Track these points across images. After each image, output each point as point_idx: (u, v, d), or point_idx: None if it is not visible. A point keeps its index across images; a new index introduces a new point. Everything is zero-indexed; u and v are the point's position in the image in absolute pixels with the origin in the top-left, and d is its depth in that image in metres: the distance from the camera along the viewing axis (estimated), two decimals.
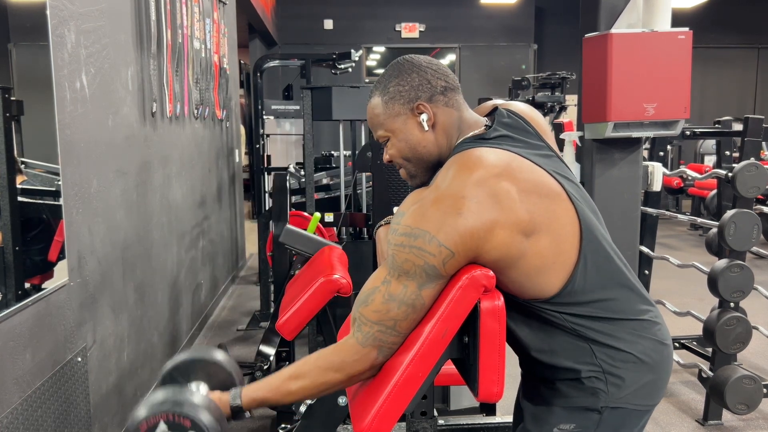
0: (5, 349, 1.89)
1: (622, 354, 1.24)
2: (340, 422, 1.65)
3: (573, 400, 1.24)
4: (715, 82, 11.49)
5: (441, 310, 1.14)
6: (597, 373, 1.22)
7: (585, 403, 1.23)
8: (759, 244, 3.61)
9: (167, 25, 3.36)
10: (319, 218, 3.19)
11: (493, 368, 1.14)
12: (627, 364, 1.23)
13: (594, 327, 1.23)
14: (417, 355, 1.14)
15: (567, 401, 1.24)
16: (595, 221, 1.27)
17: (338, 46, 6.73)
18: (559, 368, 1.24)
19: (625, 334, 1.24)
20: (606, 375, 1.22)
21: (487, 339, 1.13)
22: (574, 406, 1.24)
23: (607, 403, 1.22)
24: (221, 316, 4.89)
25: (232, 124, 5.74)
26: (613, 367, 1.23)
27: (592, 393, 1.23)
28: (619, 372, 1.23)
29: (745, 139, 3.14)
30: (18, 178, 2.07)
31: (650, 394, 1.26)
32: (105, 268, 2.64)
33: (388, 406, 1.14)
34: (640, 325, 1.27)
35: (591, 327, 1.22)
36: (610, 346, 1.23)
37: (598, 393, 1.22)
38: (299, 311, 2.34)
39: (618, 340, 1.24)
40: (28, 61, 2.26)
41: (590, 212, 1.27)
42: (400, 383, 1.14)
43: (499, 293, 1.15)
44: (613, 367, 1.23)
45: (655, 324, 1.29)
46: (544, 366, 1.26)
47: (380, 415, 1.13)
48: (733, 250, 2.91)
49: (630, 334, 1.25)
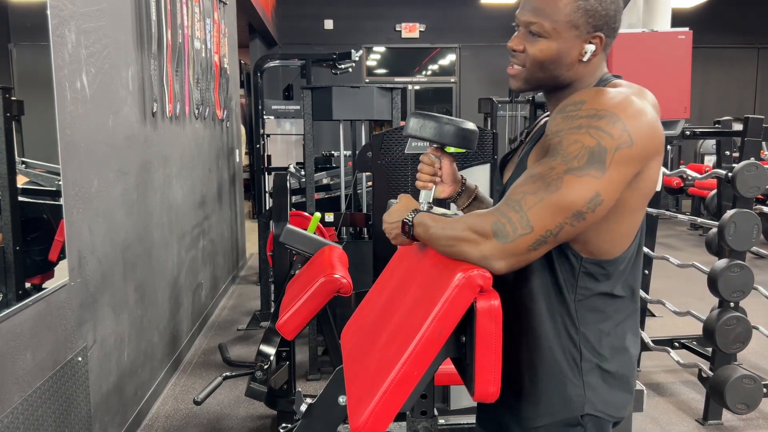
0: (6, 349, 1.89)
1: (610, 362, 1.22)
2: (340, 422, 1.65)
3: (555, 414, 1.21)
4: (715, 82, 11.49)
5: (436, 309, 1.14)
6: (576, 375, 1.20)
7: (565, 416, 1.20)
8: (759, 244, 3.61)
9: (168, 25, 3.36)
10: (319, 218, 3.19)
11: (490, 368, 1.14)
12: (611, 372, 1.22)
13: (604, 309, 1.21)
14: (412, 354, 1.14)
15: (548, 417, 1.21)
16: None
17: (338, 46, 6.73)
18: (544, 360, 1.21)
19: (620, 339, 1.24)
20: (583, 374, 1.20)
21: (483, 339, 1.13)
22: (557, 421, 1.21)
23: (585, 411, 1.20)
24: (221, 315, 4.89)
25: (232, 124, 5.74)
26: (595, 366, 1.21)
27: (569, 401, 1.20)
28: (600, 379, 1.21)
29: (745, 139, 3.14)
30: (19, 179, 2.07)
31: (623, 407, 1.24)
32: (105, 268, 2.65)
33: (383, 404, 1.14)
34: (633, 327, 1.26)
35: (601, 309, 1.21)
36: (599, 352, 1.21)
37: (576, 401, 1.20)
38: (299, 311, 2.35)
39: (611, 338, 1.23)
40: (28, 61, 2.27)
41: None
42: (396, 382, 1.14)
43: (496, 294, 1.14)
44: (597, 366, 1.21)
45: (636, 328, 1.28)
46: (527, 355, 1.23)
47: (376, 414, 1.14)
48: (733, 250, 2.91)
49: (621, 339, 1.24)
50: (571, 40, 1.17)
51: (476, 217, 1.16)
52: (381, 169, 3.10)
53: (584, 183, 1.07)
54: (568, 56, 1.18)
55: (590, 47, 1.17)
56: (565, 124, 1.10)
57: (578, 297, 1.20)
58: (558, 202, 1.08)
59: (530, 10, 1.19)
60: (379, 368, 1.20)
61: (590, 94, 1.13)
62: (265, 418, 3.17)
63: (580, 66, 1.19)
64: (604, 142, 1.06)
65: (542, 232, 1.10)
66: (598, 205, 1.08)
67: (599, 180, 1.07)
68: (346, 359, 1.47)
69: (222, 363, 3.40)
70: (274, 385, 2.77)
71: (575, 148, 1.08)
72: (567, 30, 1.16)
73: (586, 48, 1.17)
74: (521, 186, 1.13)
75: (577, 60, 1.19)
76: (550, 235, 1.10)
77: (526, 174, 1.15)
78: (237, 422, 3.15)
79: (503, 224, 1.11)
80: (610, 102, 1.09)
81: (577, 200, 1.07)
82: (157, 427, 3.10)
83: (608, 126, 1.06)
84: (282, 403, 2.79)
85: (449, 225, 1.20)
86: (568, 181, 1.07)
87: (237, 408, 3.30)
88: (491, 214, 1.14)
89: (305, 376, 3.67)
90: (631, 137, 1.07)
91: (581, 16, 1.15)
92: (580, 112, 1.10)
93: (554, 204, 1.08)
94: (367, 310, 1.53)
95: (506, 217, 1.11)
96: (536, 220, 1.09)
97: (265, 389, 2.69)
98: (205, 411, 3.24)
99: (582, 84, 1.22)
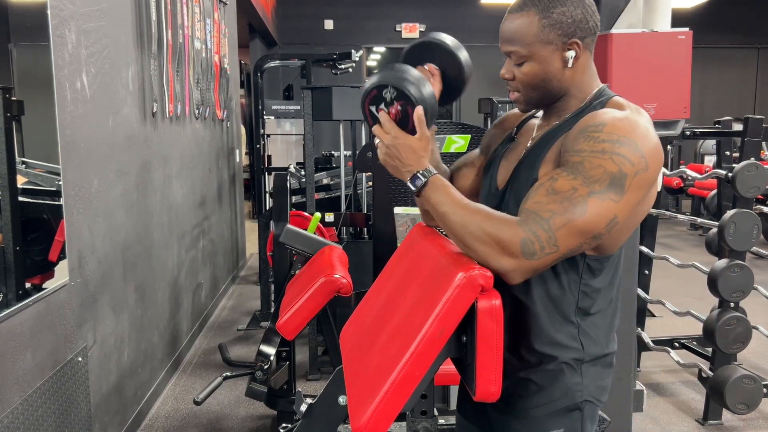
0: (6, 349, 1.89)
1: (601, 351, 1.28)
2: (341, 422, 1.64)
3: (554, 403, 1.25)
4: (715, 82, 11.49)
5: (437, 309, 1.14)
6: (575, 362, 1.25)
7: (565, 403, 1.25)
8: (759, 244, 3.62)
9: (168, 25, 3.36)
10: (319, 218, 3.19)
11: (491, 368, 1.14)
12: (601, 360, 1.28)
13: (596, 299, 1.27)
14: (414, 354, 1.14)
15: (548, 406, 1.25)
16: None
17: (339, 46, 6.73)
18: (542, 354, 1.25)
19: (606, 333, 1.29)
20: (582, 364, 1.26)
21: (484, 339, 1.13)
22: (557, 409, 1.25)
23: (584, 398, 1.26)
24: (221, 315, 4.89)
25: (232, 124, 5.74)
26: (590, 356, 1.26)
27: (569, 390, 1.25)
28: (592, 366, 1.27)
29: (745, 139, 3.14)
30: (19, 179, 2.07)
31: (607, 391, 1.32)
32: (105, 268, 2.65)
33: (384, 404, 1.14)
34: (617, 309, 1.32)
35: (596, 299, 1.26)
36: (594, 339, 1.26)
37: (575, 390, 1.25)
38: (300, 311, 2.35)
39: (599, 330, 1.28)
40: (28, 61, 2.27)
41: None
42: (397, 382, 1.14)
43: (497, 293, 1.15)
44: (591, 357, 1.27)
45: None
46: (528, 352, 1.26)
47: (377, 414, 1.14)
48: (733, 250, 2.91)
49: (609, 331, 1.30)
50: (550, 55, 1.24)
51: (501, 226, 1.15)
52: (381, 169, 3.10)
53: (605, 207, 1.13)
54: (553, 69, 1.25)
55: (570, 53, 1.24)
56: (587, 146, 1.16)
57: (581, 289, 1.25)
58: (584, 226, 1.13)
59: (505, 41, 1.27)
60: (380, 368, 1.20)
61: (607, 118, 1.18)
62: (265, 418, 3.17)
63: (568, 72, 1.26)
64: (625, 169, 1.13)
65: (565, 251, 1.15)
66: (614, 227, 1.16)
67: (617, 203, 1.14)
68: (346, 359, 1.47)
69: (222, 363, 3.40)
70: (274, 385, 2.77)
71: (598, 172, 1.13)
72: (542, 48, 1.23)
73: (567, 55, 1.24)
74: (547, 204, 1.15)
75: (563, 68, 1.25)
76: (570, 252, 1.16)
77: (545, 188, 1.17)
78: (237, 422, 3.15)
79: (532, 242, 1.13)
80: (629, 128, 1.16)
81: (599, 224, 1.14)
82: (157, 427, 3.10)
83: (629, 153, 1.13)
84: (282, 403, 2.79)
85: (468, 216, 1.18)
86: (592, 204, 1.13)
87: (237, 408, 3.30)
88: (520, 229, 1.14)
89: (305, 376, 3.68)
90: (647, 163, 1.14)
91: (550, 31, 1.22)
92: (602, 135, 1.15)
93: (580, 227, 1.13)
94: (367, 310, 1.53)
95: (536, 236, 1.13)
96: (563, 241, 1.14)
97: (265, 389, 2.69)
98: (205, 411, 3.24)
99: (577, 88, 1.27)
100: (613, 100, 1.25)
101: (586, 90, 1.28)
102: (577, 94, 1.28)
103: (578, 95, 1.28)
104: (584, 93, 1.28)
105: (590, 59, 1.28)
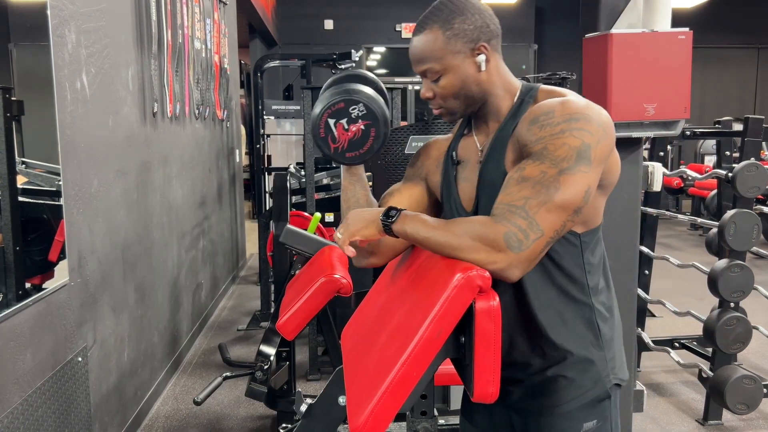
0: (6, 349, 1.89)
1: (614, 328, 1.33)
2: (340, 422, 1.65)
3: (586, 394, 1.27)
4: (715, 82, 11.49)
5: (435, 309, 1.14)
6: (597, 351, 1.28)
7: (597, 393, 1.27)
8: (759, 244, 3.61)
9: (168, 25, 3.36)
10: (319, 218, 3.19)
11: (489, 369, 1.14)
12: (614, 338, 1.33)
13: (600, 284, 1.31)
14: (411, 355, 1.14)
15: (581, 398, 1.27)
16: None
17: (338, 47, 6.72)
18: (565, 350, 1.27)
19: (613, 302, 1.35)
20: (603, 346, 1.29)
21: (483, 339, 1.13)
22: (589, 401, 1.27)
23: (612, 382, 1.29)
24: (221, 316, 4.89)
25: (232, 124, 5.74)
26: (606, 341, 1.30)
27: (599, 380, 1.28)
28: (610, 348, 1.31)
29: (745, 139, 3.14)
30: (19, 179, 2.07)
31: (624, 366, 1.35)
32: (105, 268, 2.65)
33: (382, 405, 1.14)
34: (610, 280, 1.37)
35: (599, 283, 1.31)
36: (605, 316, 1.31)
37: (603, 377, 1.28)
38: (300, 311, 2.35)
39: (609, 309, 1.33)
40: (28, 61, 2.27)
41: None
42: (395, 382, 1.14)
43: (495, 294, 1.15)
44: (607, 341, 1.30)
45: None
46: (551, 349, 1.28)
47: (375, 414, 1.14)
48: (733, 250, 2.91)
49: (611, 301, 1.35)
50: (462, 63, 1.28)
51: (482, 227, 1.16)
52: (381, 169, 3.10)
53: (578, 180, 1.16)
54: (469, 76, 1.29)
55: (481, 57, 1.28)
56: (545, 132, 1.19)
57: (585, 269, 1.28)
58: (561, 202, 1.15)
59: (418, 61, 1.31)
60: (379, 368, 1.20)
61: (555, 104, 1.22)
62: (265, 419, 3.17)
63: (484, 75, 1.30)
64: (587, 140, 1.17)
65: (551, 233, 1.16)
66: (590, 197, 1.19)
67: (588, 174, 1.17)
68: (346, 359, 1.47)
69: (222, 363, 3.40)
70: (274, 385, 2.77)
71: (563, 150, 1.17)
72: (453, 59, 1.28)
73: (478, 60, 1.28)
74: (518, 192, 1.17)
75: (478, 73, 1.29)
76: (556, 234, 1.17)
77: (514, 180, 1.19)
78: (237, 422, 3.15)
79: (515, 233, 1.14)
80: (577, 107, 1.20)
81: (576, 197, 1.16)
82: (157, 427, 3.10)
83: (586, 125, 1.18)
84: (282, 403, 2.79)
85: (449, 231, 1.19)
86: (564, 181, 1.15)
87: (237, 408, 3.30)
88: (500, 225, 1.15)
89: (305, 376, 3.68)
90: (605, 130, 1.19)
91: (456, 41, 1.27)
92: (555, 118, 1.19)
93: (558, 205, 1.15)
94: (367, 311, 1.53)
95: (516, 226, 1.14)
96: (544, 223, 1.15)
97: (265, 389, 2.69)
98: (205, 411, 3.24)
99: (499, 88, 1.31)
100: (541, 88, 1.31)
101: (510, 89, 1.32)
102: (503, 94, 1.31)
103: (504, 95, 1.32)
104: (510, 92, 1.32)
105: (501, 60, 1.33)
